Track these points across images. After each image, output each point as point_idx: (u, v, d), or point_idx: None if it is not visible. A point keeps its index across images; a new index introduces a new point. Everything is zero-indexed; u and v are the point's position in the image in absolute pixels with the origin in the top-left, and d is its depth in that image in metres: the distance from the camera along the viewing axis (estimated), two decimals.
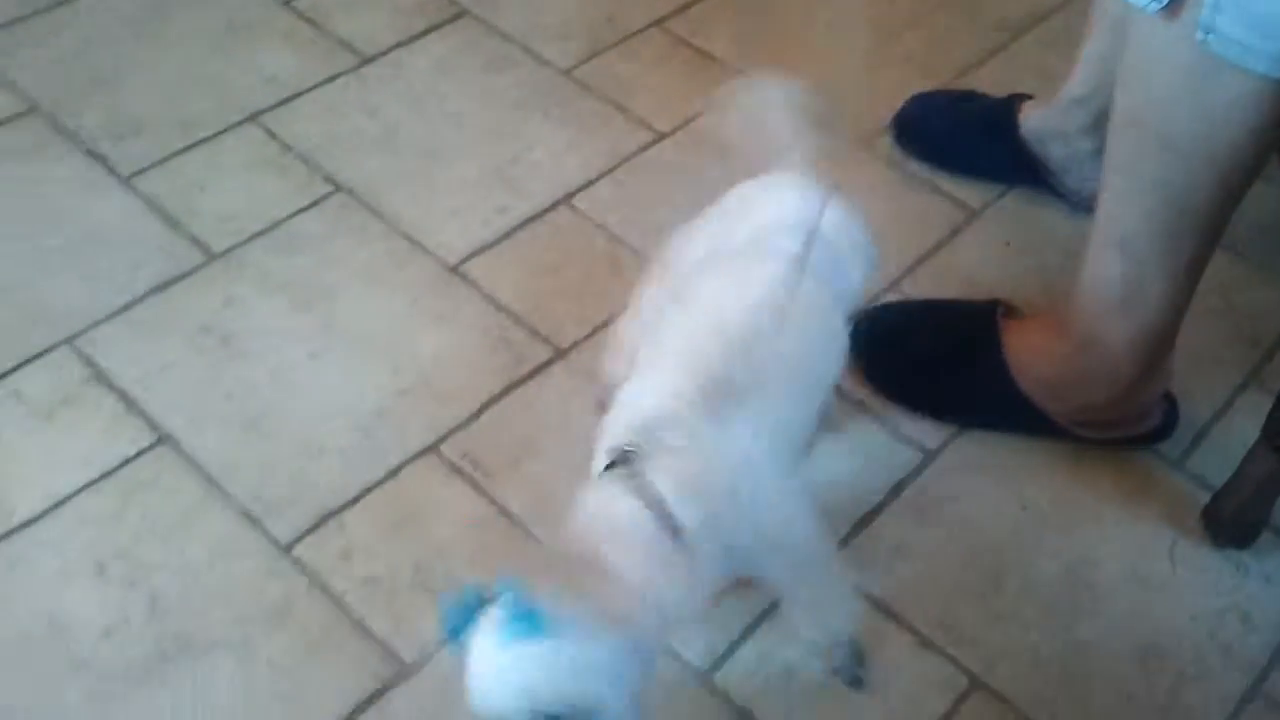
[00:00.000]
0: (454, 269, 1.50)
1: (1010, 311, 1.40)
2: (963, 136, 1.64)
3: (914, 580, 1.25)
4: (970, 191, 1.64)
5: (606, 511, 0.90)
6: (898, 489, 1.33)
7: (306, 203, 1.57)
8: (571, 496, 0.93)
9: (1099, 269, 1.25)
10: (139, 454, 1.30)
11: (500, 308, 1.46)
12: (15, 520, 1.25)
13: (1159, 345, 1.29)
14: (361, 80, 1.75)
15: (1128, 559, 1.29)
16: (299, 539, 1.24)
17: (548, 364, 1.41)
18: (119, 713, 1.12)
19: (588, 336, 1.44)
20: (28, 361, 1.38)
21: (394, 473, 1.30)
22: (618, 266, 1.52)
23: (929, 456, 1.36)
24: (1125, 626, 1.24)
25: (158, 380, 1.37)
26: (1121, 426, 1.36)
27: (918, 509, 1.31)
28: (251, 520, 1.26)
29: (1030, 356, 1.34)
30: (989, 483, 1.34)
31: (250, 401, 1.36)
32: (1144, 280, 1.22)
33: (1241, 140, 1.09)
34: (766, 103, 1.12)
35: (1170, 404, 1.37)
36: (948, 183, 1.64)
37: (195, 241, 1.52)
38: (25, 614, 1.18)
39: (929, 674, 1.18)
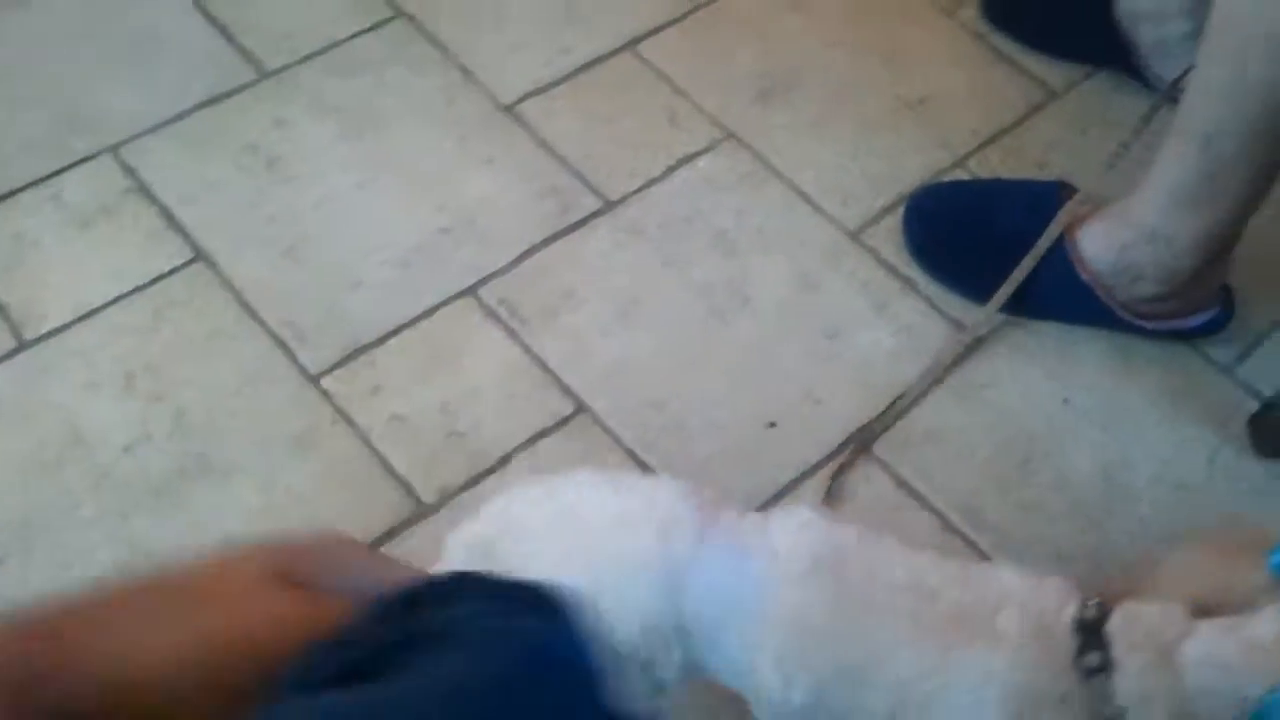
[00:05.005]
0: (508, 109, 1.46)
1: (1073, 195, 1.35)
2: (1053, 12, 1.56)
3: (943, 463, 1.23)
4: (1054, 70, 1.56)
5: None
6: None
7: (366, 25, 1.53)
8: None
9: (1176, 162, 1.20)
10: (174, 270, 1.29)
11: (552, 153, 1.43)
12: (45, 327, 1.25)
13: (1224, 242, 1.25)
14: None
15: (1165, 462, 1.26)
16: (328, 370, 1.24)
17: (594, 215, 1.38)
18: (134, 528, 1.13)
19: (638, 190, 1.40)
20: (71, 167, 1.36)
21: (429, 312, 1.29)
22: (676, 119, 1.47)
23: (975, 341, 1.32)
24: (1155, 528, 1.22)
25: (200, 197, 1.35)
26: (1177, 317, 1.32)
27: (957, 393, 1.28)
28: (283, 347, 1.25)
29: (1091, 243, 1.29)
30: (1033, 372, 1.30)
31: (291, 227, 1.34)
32: (1222, 178, 1.17)
33: None
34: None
35: (1227, 294, 1.34)
36: (1030, 59, 1.57)
37: (249, 57, 1.48)
38: (49, 423, 1.19)
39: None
